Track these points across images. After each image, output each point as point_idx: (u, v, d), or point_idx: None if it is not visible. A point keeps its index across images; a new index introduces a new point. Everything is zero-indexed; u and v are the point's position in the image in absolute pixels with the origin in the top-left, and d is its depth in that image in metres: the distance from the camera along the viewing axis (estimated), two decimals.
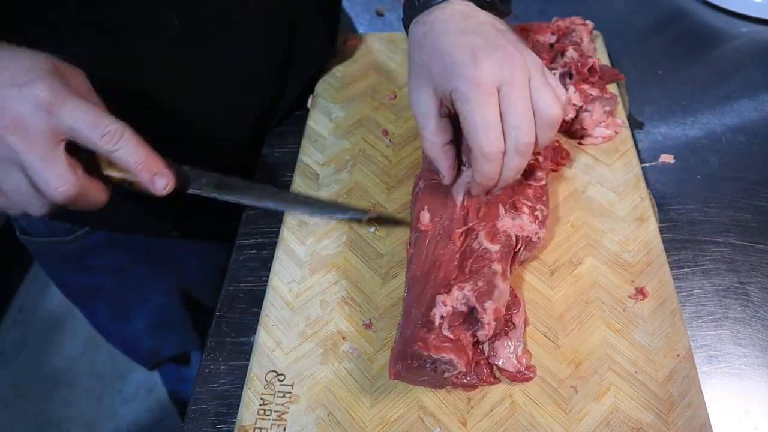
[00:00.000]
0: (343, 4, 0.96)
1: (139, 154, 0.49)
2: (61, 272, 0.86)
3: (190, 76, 0.66)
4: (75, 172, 0.47)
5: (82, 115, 0.46)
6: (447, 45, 0.53)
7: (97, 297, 0.88)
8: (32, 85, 0.45)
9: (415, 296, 0.52)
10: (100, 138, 0.47)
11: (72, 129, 0.46)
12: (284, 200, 0.59)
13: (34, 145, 0.45)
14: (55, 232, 0.76)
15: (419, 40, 0.56)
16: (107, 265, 0.82)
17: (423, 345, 0.48)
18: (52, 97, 0.45)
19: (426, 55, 0.54)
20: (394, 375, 0.49)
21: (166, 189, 0.51)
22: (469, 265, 0.52)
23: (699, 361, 0.55)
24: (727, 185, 0.68)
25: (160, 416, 1.58)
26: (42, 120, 0.45)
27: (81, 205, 0.49)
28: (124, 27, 0.59)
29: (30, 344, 1.74)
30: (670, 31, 0.88)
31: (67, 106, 0.46)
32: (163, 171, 0.50)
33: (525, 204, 0.57)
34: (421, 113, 0.55)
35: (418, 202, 0.59)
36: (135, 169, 0.49)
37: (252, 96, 0.73)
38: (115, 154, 0.48)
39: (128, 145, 0.48)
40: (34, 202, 0.48)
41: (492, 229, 0.55)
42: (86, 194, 0.48)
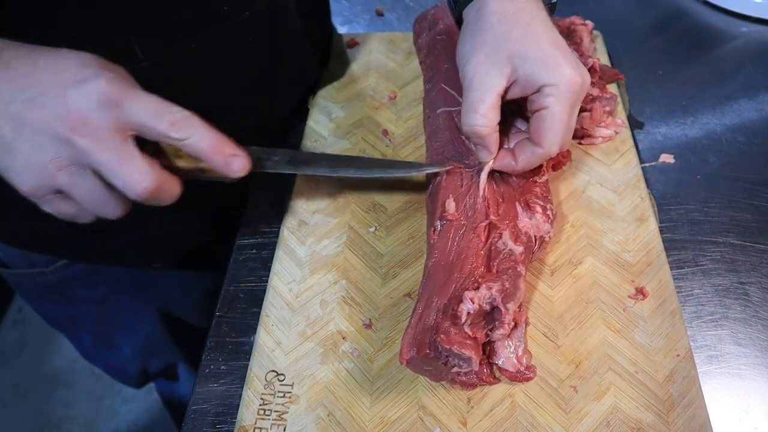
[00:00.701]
0: (343, 4, 0.96)
1: (210, 138, 0.47)
2: (43, 303, 0.84)
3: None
4: (152, 165, 0.45)
5: (146, 106, 0.45)
6: (548, 35, 0.53)
7: (80, 326, 0.86)
8: (91, 81, 0.43)
9: (438, 284, 0.52)
10: (169, 127, 0.45)
11: (139, 122, 0.44)
12: (360, 166, 0.58)
13: (106, 144, 0.43)
14: (34, 264, 0.75)
15: (510, 14, 0.54)
16: (89, 296, 0.80)
17: (446, 338, 0.48)
18: (114, 91, 0.44)
19: (518, 33, 0.53)
20: (406, 361, 0.48)
21: (242, 170, 0.49)
22: (497, 266, 0.53)
23: (699, 361, 0.55)
24: (727, 185, 0.68)
25: (160, 416, 1.58)
26: (108, 116, 0.43)
27: (159, 200, 0.47)
28: None
29: (30, 344, 1.74)
30: (670, 31, 0.88)
31: (130, 99, 0.44)
32: (238, 152, 0.48)
33: (537, 203, 0.57)
34: (485, 88, 0.53)
35: (442, 190, 0.59)
36: (208, 154, 0.47)
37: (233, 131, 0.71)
38: (186, 141, 0.46)
39: (198, 131, 0.46)
40: (110, 204, 0.46)
41: (515, 230, 0.55)
42: (164, 187, 0.46)
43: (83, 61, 0.45)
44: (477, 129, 0.54)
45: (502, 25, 0.54)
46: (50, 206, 0.46)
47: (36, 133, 0.43)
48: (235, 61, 0.64)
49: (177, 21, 0.57)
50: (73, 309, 0.82)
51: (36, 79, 0.43)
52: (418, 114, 0.74)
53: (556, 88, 0.52)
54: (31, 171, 0.43)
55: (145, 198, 0.45)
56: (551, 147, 0.53)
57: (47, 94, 0.43)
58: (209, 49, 0.60)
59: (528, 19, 0.54)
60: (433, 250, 0.55)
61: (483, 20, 0.55)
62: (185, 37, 0.58)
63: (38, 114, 0.43)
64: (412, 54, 0.82)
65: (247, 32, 0.63)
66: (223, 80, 0.65)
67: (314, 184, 0.69)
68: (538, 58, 0.52)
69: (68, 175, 0.44)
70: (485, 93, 0.53)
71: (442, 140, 0.63)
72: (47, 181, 0.44)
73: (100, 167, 0.43)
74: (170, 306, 0.86)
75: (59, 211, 0.47)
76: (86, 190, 0.45)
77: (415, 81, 0.79)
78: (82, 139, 0.43)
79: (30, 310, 1.75)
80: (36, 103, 0.43)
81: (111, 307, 0.82)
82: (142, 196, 0.45)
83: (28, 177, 0.44)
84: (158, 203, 0.47)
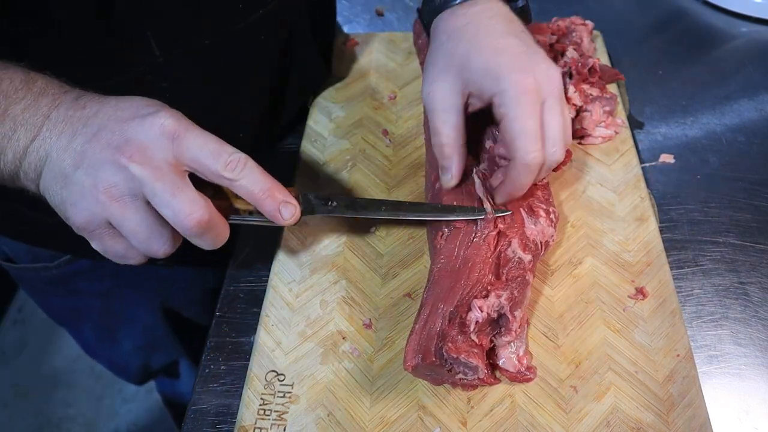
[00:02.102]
0: (343, 4, 0.96)
1: (264, 182, 0.47)
2: (46, 297, 0.84)
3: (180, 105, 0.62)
4: (205, 199, 0.45)
5: (204, 144, 0.45)
6: (494, 43, 0.52)
7: (83, 320, 0.87)
8: (155, 115, 0.44)
9: (444, 290, 0.51)
10: (224, 167, 0.45)
11: (195, 159, 0.45)
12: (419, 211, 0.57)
13: (161, 174, 0.43)
14: (38, 259, 0.75)
15: (458, 29, 0.54)
16: (92, 289, 0.80)
17: (453, 347, 0.48)
18: (176, 125, 0.44)
19: (464, 47, 0.52)
20: (411, 367, 0.48)
21: (293, 218, 0.49)
22: (506, 274, 0.52)
23: (699, 361, 0.55)
24: (727, 185, 0.68)
25: (160, 416, 1.58)
26: (167, 149, 0.44)
27: (208, 238, 0.46)
28: (104, 57, 0.56)
29: (30, 344, 1.74)
30: (670, 31, 0.88)
31: (190, 134, 0.44)
32: (290, 199, 0.49)
33: (540, 207, 0.57)
34: (442, 107, 0.53)
35: (446, 197, 0.58)
36: (259, 198, 0.47)
37: (243, 127, 0.71)
38: (239, 183, 0.46)
39: (252, 174, 0.46)
40: (159, 239, 0.45)
41: (523, 238, 0.54)
42: (214, 224, 0.46)
43: (147, 102, 0.46)
44: (440, 148, 0.54)
45: (450, 41, 0.54)
46: (100, 242, 0.46)
47: (93, 162, 0.43)
48: (247, 59, 0.65)
49: (192, 18, 0.58)
50: (77, 302, 0.82)
51: (101, 116, 0.44)
52: (418, 114, 0.74)
53: (505, 95, 0.51)
54: (85, 201, 0.43)
55: (195, 231, 0.45)
56: (525, 154, 0.51)
57: (107, 128, 0.44)
58: (222, 47, 0.61)
59: (475, 31, 0.54)
60: (438, 255, 0.55)
61: (435, 39, 0.56)
62: (200, 34, 0.59)
63: (97, 145, 0.43)
64: (412, 54, 0.82)
65: (260, 31, 0.64)
66: (234, 78, 0.65)
67: (315, 184, 0.69)
68: (482, 68, 0.52)
69: (121, 205, 0.43)
70: (445, 113, 0.53)
71: None
72: (100, 212, 0.44)
73: (153, 196, 0.43)
74: (172, 301, 0.86)
75: (108, 248, 0.47)
76: (136, 223, 0.44)
77: (415, 81, 0.79)
78: (138, 166, 0.43)
79: (30, 310, 1.77)
80: (96, 137, 0.44)
81: (114, 301, 0.83)
82: (191, 228, 0.44)
83: (81, 207, 0.44)
84: (206, 242, 0.47)
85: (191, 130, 0.45)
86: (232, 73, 0.64)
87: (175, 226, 0.45)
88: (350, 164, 0.70)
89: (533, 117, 0.51)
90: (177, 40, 0.57)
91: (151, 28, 0.55)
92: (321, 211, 0.55)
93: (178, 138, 0.44)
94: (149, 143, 0.44)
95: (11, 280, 0.83)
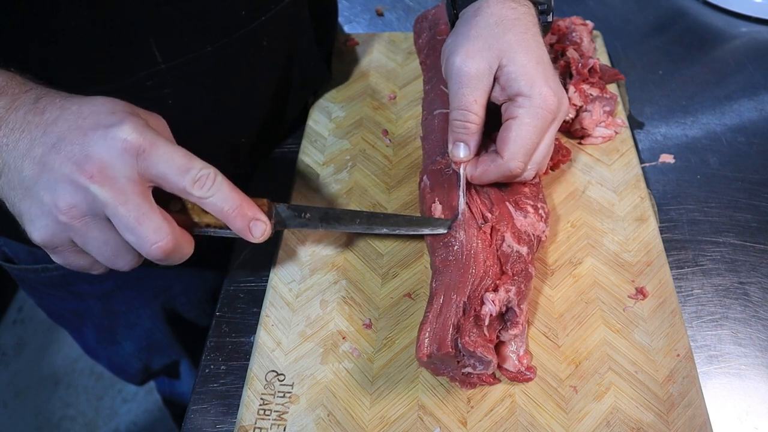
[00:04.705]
0: (343, 4, 0.96)
1: (234, 199, 0.45)
2: (47, 298, 0.83)
3: (182, 110, 0.61)
4: (170, 224, 0.43)
5: (171, 159, 0.42)
6: (537, 51, 0.54)
7: (84, 321, 0.86)
8: (117, 127, 0.41)
9: (454, 280, 0.52)
10: (192, 184, 0.43)
11: (161, 175, 0.42)
12: (394, 224, 0.57)
13: (125, 197, 0.41)
14: (39, 260, 0.74)
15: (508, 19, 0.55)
16: (93, 291, 0.79)
17: (470, 341, 0.48)
18: (140, 140, 0.41)
19: (512, 39, 0.53)
20: (426, 356, 0.48)
21: (263, 236, 0.48)
22: (510, 268, 0.53)
23: (699, 361, 0.55)
24: (727, 185, 0.68)
25: (160, 416, 1.58)
26: (130, 166, 0.41)
27: (171, 260, 0.44)
28: (105, 63, 0.55)
29: (30, 344, 1.74)
30: (670, 31, 0.88)
31: (156, 150, 0.42)
32: (260, 216, 0.47)
33: (527, 203, 0.57)
34: (476, 83, 0.53)
35: (429, 194, 0.59)
36: (229, 216, 0.45)
37: (245, 131, 0.71)
38: (208, 200, 0.44)
39: (221, 190, 0.44)
40: (123, 257, 0.44)
41: (515, 230, 0.55)
42: (178, 248, 0.44)
43: (111, 107, 0.43)
44: (461, 126, 0.55)
45: (498, 26, 0.55)
46: (62, 257, 0.45)
47: (53, 178, 0.41)
48: (250, 65, 0.65)
49: (195, 25, 0.57)
50: (77, 303, 0.82)
51: (60, 123, 0.42)
52: (417, 114, 0.74)
53: (529, 101, 0.52)
54: (46, 219, 0.42)
55: (158, 258, 0.43)
56: (512, 159, 0.53)
57: (67, 139, 0.41)
58: (225, 53, 0.61)
59: (523, 29, 0.55)
60: (436, 248, 0.55)
61: (480, 18, 0.56)
62: (203, 41, 0.58)
63: (56, 158, 0.41)
64: (412, 54, 0.82)
65: (262, 37, 0.63)
66: (237, 84, 0.65)
67: (314, 185, 0.69)
68: (523, 66, 0.53)
69: (82, 225, 0.42)
70: (478, 90, 0.54)
71: (435, 141, 0.64)
72: (61, 231, 0.42)
73: (116, 220, 0.41)
74: (172, 303, 0.86)
75: (70, 263, 0.45)
76: (99, 243, 0.43)
77: (415, 81, 0.79)
78: (100, 188, 0.41)
79: (30, 309, 1.77)
80: (55, 148, 0.41)
81: (115, 302, 0.82)
82: (155, 255, 0.43)
83: (41, 225, 0.42)
84: (167, 263, 0.45)
85: (157, 145, 0.42)
86: (235, 78, 0.64)
87: (138, 251, 0.43)
88: (350, 164, 0.70)
89: (539, 133, 0.53)
90: (179, 47, 0.57)
91: (154, 35, 0.55)
92: (293, 224, 0.53)
93: (142, 154, 0.42)
94: (111, 161, 0.41)
95: (11, 280, 0.83)
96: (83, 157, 0.41)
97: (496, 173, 0.55)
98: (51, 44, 0.52)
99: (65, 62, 0.53)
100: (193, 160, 0.43)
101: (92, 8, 0.51)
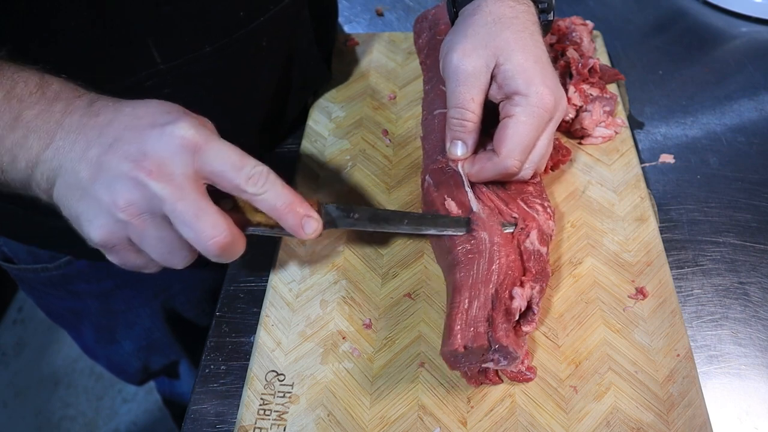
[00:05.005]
0: (343, 4, 0.96)
1: (286, 196, 0.45)
2: (46, 298, 0.83)
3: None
4: (226, 220, 0.43)
5: (226, 156, 0.43)
6: (535, 50, 0.54)
7: (83, 321, 0.86)
8: (174, 125, 0.42)
9: (482, 274, 0.51)
10: (246, 181, 0.43)
11: (216, 172, 0.42)
12: (440, 225, 0.56)
13: (183, 193, 0.41)
14: (38, 259, 0.74)
15: (506, 17, 0.55)
16: (92, 290, 0.79)
17: (504, 336, 0.48)
18: (197, 137, 0.42)
19: (509, 37, 0.54)
20: (463, 347, 0.48)
21: (315, 232, 0.47)
22: (533, 266, 0.53)
23: (699, 361, 0.55)
24: (727, 185, 0.68)
25: (159, 416, 1.58)
26: (187, 163, 0.41)
27: (226, 256, 0.44)
28: (104, 63, 0.55)
29: (30, 344, 1.74)
30: (670, 31, 0.88)
31: (212, 147, 0.42)
32: (312, 213, 0.47)
33: (535, 201, 0.57)
34: (473, 81, 0.54)
35: (436, 193, 0.59)
36: (281, 212, 0.45)
37: (246, 132, 0.71)
38: (261, 197, 0.44)
39: (274, 188, 0.44)
40: (179, 255, 0.44)
41: (540, 230, 0.55)
42: (235, 244, 0.44)
43: (165, 108, 0.44)
44: (465, 124, 0.55)
45: (496, 24, 0.55)
46: (118, 256, 0.45)
47: (110, 176, 0.41)
48: (250, 65, 0.65)
49: (195, 26, 0.57)
50: (76, 303, 0.82)
51: (116, 125, 0.42)
52: (417, 114, 0.74)
53: (526, 99, 0.53)
54: (104, 218, 0.42)
55: (215, 253, 0.43)
56: (508, 157, 0.53)
57: (123, 139, 0.41)
58: (224, 53, 0.60)
59: (521, 27, 0.55)
60: (457, 240, 0.55)
61: (479, 16, 0.56)
62: (202, 41, 0.58)
63: (113, 158, 0.41)
64: (412, 54, 0.82)
65: (262, 37, 0.63)
66: (237, 84, 0.65)
67: (314, 185, 0.69)
68: (520, 64, 0.53)
69: (141, 223, 0.42)
70: (475, 88, 0.54)
71: (435, 140, 0.64)
72: (120, 229, 0.42)
73: (174, 217, 0.41)
74: (172, 302, 0.86)
75: (125, 262, 0.45)
76: (156, 240, 0.43)
77: (415, 81, 0.79)
78: (158, 184, 0.41)
79: (30, 309, 1.77)
80: (112, 148, 0.41)
81: (114, 302, 0.82)
82: (212, 251, 0.42)
83: (99, 224, 0.42)
84: (223, 259, 0.45)
85: (212, 142, 0.43)
86: (235, 78, 0.64)
87: (196, 247, 0.43)
88: (350, 164, 0.70)
89: (536, 132, 0.54)
90: (178, 47, 0.57)
91: (153, 36, 0.55)
92: (342, 224, 0.53)
93: (199, 151, 0.42)
94: (169, 157, 0.41)
95: (11, 280, 0.83)
96: (141, 155, 0.41)
97: (493, 171, 0.55)
98: (51, 44, 0.52)
99: (65, 62, 0.53)
100: (247, 158, 0.44)
101: (92, 8, 0.51)
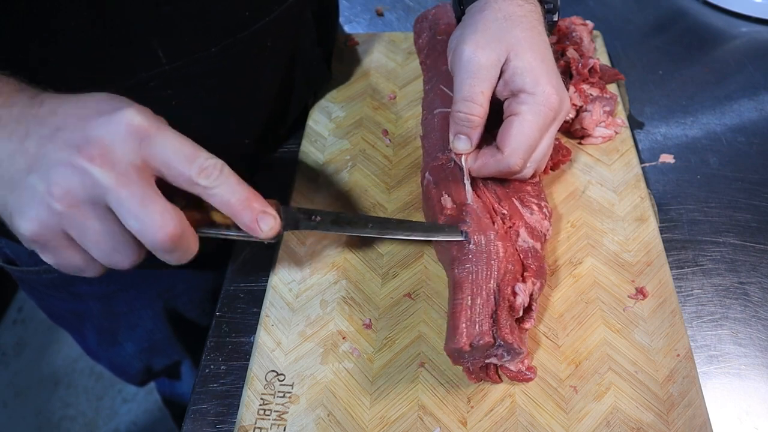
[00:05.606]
0: (343, 4, 0.96)
1: (241, 191, 0.42)
2: (48, 299, 0.82)
3: (186, 112, 0.59)
4: (176, 210, 0.40)
5: (177, 146, 0.40)
6: (542, 50, 0.54)
7: (85, 322, 0.85)
8: (122, 111, 0.39)
9: (481, 270, 0.51)
10: (198, 173, 0.40)
11: (166, 163, 0.39)
12: (407, 229, 0.55)
13: (127, 180, 0.38)
14: (40, 261, 0.71)
15: (516, 16, 0.55)
16: (93, 292, 0.78)
17: (509, 333, 0.48)
18: (146, 124, 0.39)
19: (520, 34, 0.54)
20: (469, 345, 0.48)
21: (271, 231, 0.44)
22: (531, 263, 0.54)
23: (699, 361, 0.55)
24: (727, 185, 0.68)
25: (159, 416, 1.58)
26: (134, 151, 0.38)
27: (177, 254, 0.41)
28: (108, 63, 0.54)
29: (30, 344, 1.74)
30: (670, 31, 0.88)
31: (162, 135, 0.39)
32: (268, 209, 0.44)
33: (532, 201, 0.57)
34: (484, 74, 0.54)
35: (435, 189, 0.59)
36: (236, 209, 0.42)
37: (248, 132, 0.70)
38: (214, 191, 0.41)
39: (228, 182, 0.41)
40: (122, 251, 0.40)
41: (527, 226, 0.55)
42: (187, 240, 0.41)
43: (112, 97, 0.41)
44: (472, 118, 0.55)
45: (506, 21, 0.55)
46: (54, 255, 0.41)
47: (47, 165, 0.38)
48: (253, 66, 0.65)
49: (197, 26, 0.57)
50: (78, 305, 0.81)
51: (60, 113, 0.39)
52: (417, 114, 0.74)
53: (532, 98, 0.53)
54: (36, 208, 0.38)
55: (165, 246, 0.40)
56: (512, 155, 0.53)
57: (67, 126, 0.39)
58: (228, 54, 0.60)
59: (530, 26, 0.55)
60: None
61: (488, 12, 0.56)
62: (206, 41, 0.58)
63: (53, 147, 0.38)
64: (412, 54, 0.82)
65: (266, 38, 0.64)
66: (240, 85, 0.65)
67: (314, 185, 0.69)
68: (529, 63, 0.53)
69: (80, 214, 0.38)
70: (485, 82, 0.54)
71: (435, 139, 0.64)
72: (54, 220, 0.38)
73: (118, 205, 0.38)
74: (174, 303, 0.86)
75: (62, 262, 0.42)
76: (98, 235, 0.39)
77: (415, 81, 0.79)
78: (100, 170, 0.37)
79: (30, 310, 1.77)
80: (53, 137, 0.38)
81: (116, 304, 0.82)
82: (162, 243, 0.39)
83: (30, 216, 0.38)
84: (173, 258, 0.42)
85: (163, 130, 0.40)
86: (239, 79, 0.64)
87: (142, 239, 0.40)
88: (350, 164, 0.70)
89: (540, 131, 0.54)
90: (183, 48, 0.57)
91: (157, 36, 0.55)
92: (304, 226, 0.52)
93: (147, 138, 0.39)
94: (114, 143, 0.38)
95: (12, 280, 0.83)
96: (84, 141, 0.38)
97: (495, 168, 0.55)
98: (51, 44, 0.52)
99: (65, 62, 0.53)
100: (199, 150, 0.41)
101: (92, 8, 0.51)
